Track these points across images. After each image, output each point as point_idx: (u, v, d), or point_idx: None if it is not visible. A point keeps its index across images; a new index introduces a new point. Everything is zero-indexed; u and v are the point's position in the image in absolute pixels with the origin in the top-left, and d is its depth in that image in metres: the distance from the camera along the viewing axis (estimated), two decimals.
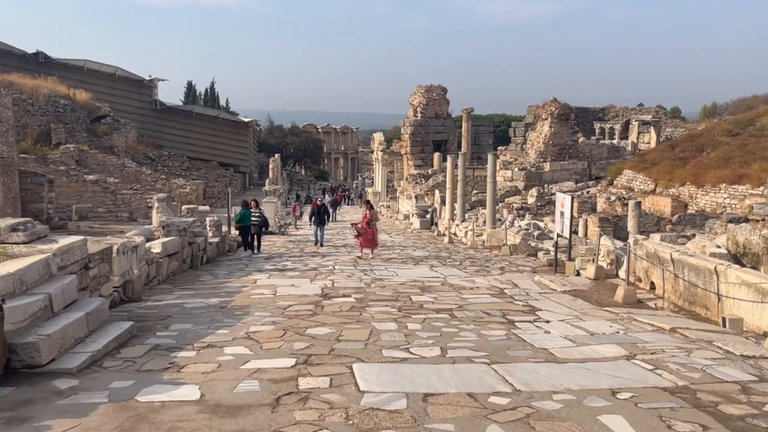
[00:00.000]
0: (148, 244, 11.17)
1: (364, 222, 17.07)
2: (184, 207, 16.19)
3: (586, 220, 23.12)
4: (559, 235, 14.29)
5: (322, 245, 19.58)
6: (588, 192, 34.16)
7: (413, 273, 13.41)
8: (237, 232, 18.87)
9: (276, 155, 60.13)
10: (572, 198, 13.21)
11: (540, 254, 17.34)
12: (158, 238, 12.61)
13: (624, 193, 32.13)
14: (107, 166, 36.64)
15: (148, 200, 29.91)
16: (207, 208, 27.57)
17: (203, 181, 42.77)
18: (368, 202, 19.28)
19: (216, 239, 16.92)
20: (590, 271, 12.18)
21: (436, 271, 13.80)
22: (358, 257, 16.47)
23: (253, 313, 8.33)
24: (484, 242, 21.32)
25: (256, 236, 18.06)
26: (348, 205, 63.27)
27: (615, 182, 34.70)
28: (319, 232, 19.98)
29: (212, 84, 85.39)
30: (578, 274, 12.79)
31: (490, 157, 22.25)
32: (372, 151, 67.33)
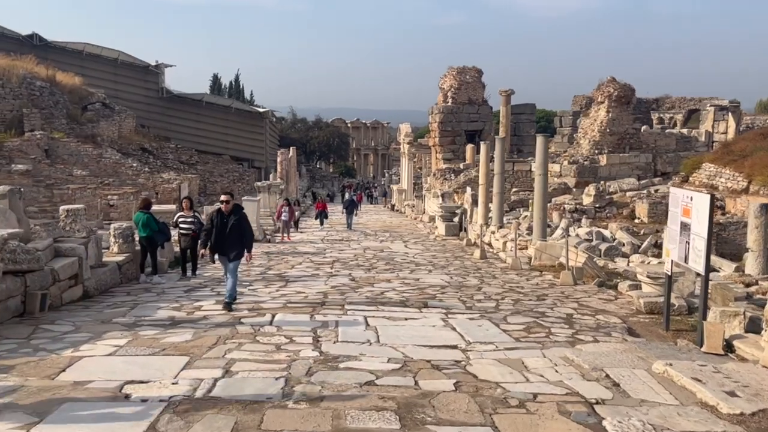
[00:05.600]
0: None
1: None
2: (62, 208, 10.40)
3: None
4: (676, 266, 7.98)
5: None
6: (657, 191, 27.46)
7: (408, 334, 7.28)
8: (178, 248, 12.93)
9: (291, 148, 54.56)
10: (712, 198, 6.95)
11: (623, 286, 11.01)
12: None
13: (705, 191, 25.38)
14: (81, 156, 31.42)
15: (109, 198, 24.46)
16: (172, 207, 21.78)
17: (198, 176, 37.29)
18: None
19: (120, 258, 11.06)
20: None
21: (453, 328, 7.64)
22: None
23: None
24: (530, 260, 15.04)
25: (189, 252, 12.12)
26: (371, 203, 57.26)
27: (691, 179, 27.81)
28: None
29: (237, 76, 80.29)
30: (729, 349, 6.50)
31: (539, 140, 15.92)
32: (398, 144, 61.08)
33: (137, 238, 11.44)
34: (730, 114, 34.91)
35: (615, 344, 6.93)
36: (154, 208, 21.91)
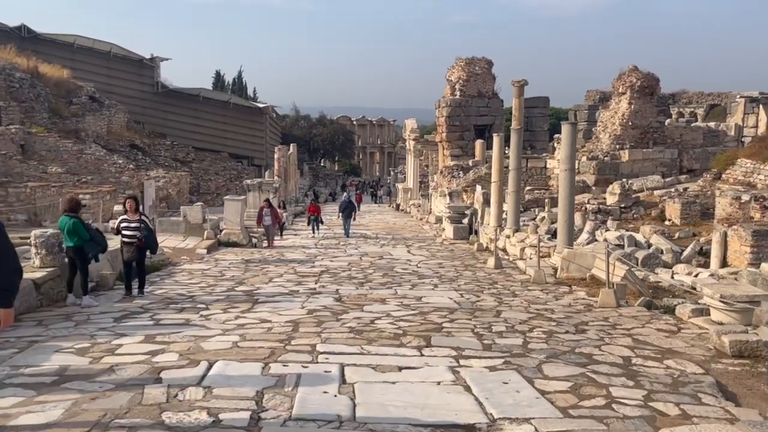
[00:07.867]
0: None
1: None
2: None
3: (725, 235, 14.08)
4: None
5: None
6: (686, 189, 24.94)
7: (401, 399, 4.86)
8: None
9: (291, 145, 52.18)
10: None
11: (683, 310, 8.56)
12: None
13: (742, 189, 22.86)
14: (60, 152, 29.16)
15: (80, 197, 22.07)
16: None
17: (189, 174, 34.98)
18: None
19: (40, 274, 8.67)
20: None
21: (467, 386, 5.23)
22: None
23: None
24: (556, 271, 12.59)
25: (135, 265, 9.75)
26: (376, 203, 54.83)
27: (724, 176, 25.28)
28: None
29: (239, 73, 78.06)
30: None
31: (565, 129, 13.45)
32: (404, 142, 58.59)
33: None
34: (761, 106, 32.26)
35: (721, 426, 4.47)
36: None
